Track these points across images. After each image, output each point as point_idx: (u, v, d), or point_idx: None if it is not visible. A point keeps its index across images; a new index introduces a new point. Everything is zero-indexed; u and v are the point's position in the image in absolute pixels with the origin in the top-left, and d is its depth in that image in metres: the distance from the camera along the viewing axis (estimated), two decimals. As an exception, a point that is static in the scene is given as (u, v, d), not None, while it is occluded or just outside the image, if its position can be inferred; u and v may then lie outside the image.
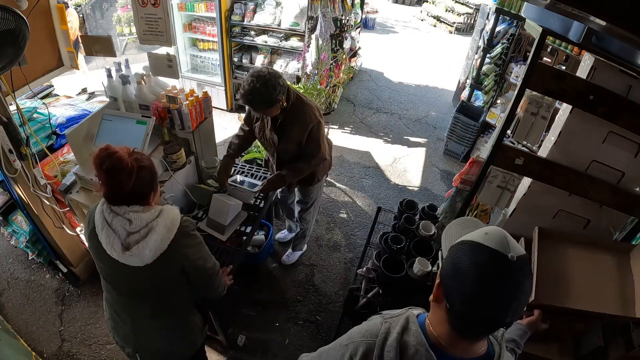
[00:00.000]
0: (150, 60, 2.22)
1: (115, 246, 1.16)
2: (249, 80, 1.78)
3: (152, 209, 1.20)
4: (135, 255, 1.15)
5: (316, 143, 2.05)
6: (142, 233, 1.16)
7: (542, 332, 1.37)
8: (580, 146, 1.47)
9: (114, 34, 5.93)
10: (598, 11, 0.99)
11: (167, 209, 1.23)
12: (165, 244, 1.18)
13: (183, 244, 1.24)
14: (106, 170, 1.11)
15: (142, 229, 1.16)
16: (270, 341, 2.40)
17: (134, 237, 1.16)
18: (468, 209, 2.07)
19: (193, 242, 1.28)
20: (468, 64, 4.91)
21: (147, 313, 1.35)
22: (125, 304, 1.35)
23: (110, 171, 1.11)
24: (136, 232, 1.16)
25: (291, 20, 4.10)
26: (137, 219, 1.16)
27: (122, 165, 1.11)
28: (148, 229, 1.16)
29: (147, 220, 1.16)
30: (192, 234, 1.28)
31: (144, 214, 1.17)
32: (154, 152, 2.12)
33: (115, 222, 1.16)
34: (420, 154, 4.42)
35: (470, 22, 9.27)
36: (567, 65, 3.67)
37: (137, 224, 1.16)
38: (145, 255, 1.16)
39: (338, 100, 5.07)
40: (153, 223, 1.17)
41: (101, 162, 1.11)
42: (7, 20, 1.53)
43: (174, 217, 1.22)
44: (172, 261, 1.23)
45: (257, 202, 2.39)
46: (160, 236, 1.17)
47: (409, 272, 1.77)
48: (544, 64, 1.38)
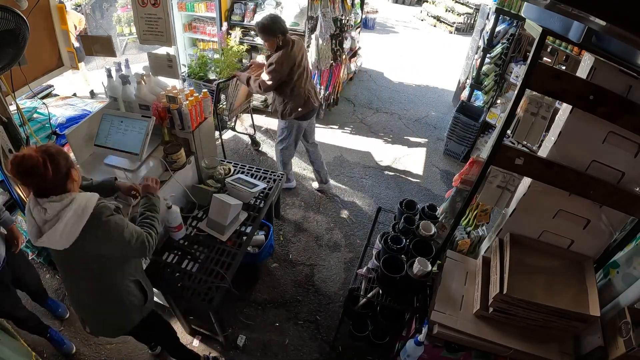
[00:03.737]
0: (150, 60, 2.22)
1: (33, 233, 1.29)
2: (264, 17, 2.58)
3: (67, 197, 1.28)
4: (46, 241, 1.27)
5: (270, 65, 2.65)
6: (53, 221, 1.26)
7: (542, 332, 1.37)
8: (580, 146, 1.47)
9: (114, 34, 5.93)
10: (598, 11, 0.99)
11: (79, 197, 1.30)
12: (77, 230, 1.27)
13: (95, 231, 1.31)
14: (23, 172, 1.21)
15: (53, 218, 1.26)
16: (270, 341, 2.40)
17: (47, 225, 1.27)
18: (468, 209, 2.07)
19: (105, 228, 1.33)
20: (468, 64, 4.91)
21: (82, 288, 1.50)
22: (67, 280, 1.54)
23: (27, 171, 1.21)
24: (50, 221, 1.26)
25: (291, 20, 4.11)
26: (51, 208, 1.26)
27: (33, 161, 1.20)
28: (58, 217, 1.26)
29: (58, 209, 1.26)
30: (104, 220, 1.33)
31: (57, 203, 1.27)
32: (154, 152, 2.12)
33: (35, 211, 1.28)
34: (420, 154, 4.42)
35: (470, 22, 9.27)
36: (567, 65, 3.67)
37: (50, 213, 1.26)
38: (58, 241, 1.27)
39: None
40: (62, 212, 1.26)
41: (16, 169, 1.20)
42: (7, 20, 1.53)
43: (86, 204, 1.30)
44: (87, 247, 1.32)
45: (257, 202, 2.39)
46: (70, 224, 1.26)
47: (409, 272, 1.77)
48: (544, 64, 1.38)
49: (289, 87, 2.81)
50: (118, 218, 1.38)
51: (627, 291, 1.55)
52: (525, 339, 1.60)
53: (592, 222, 1.60)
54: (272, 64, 2.65)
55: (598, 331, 1.53)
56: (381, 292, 1.98)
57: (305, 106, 2.91)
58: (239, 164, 2.69)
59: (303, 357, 2.35)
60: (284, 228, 3.20)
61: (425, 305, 1.82)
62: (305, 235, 3.17)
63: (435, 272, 1.87)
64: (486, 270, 1.72)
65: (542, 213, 1.64)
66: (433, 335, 1.69)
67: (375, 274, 2.02)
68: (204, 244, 2.09)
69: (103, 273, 1.44)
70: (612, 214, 1.55)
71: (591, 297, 1.53)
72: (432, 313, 1.66)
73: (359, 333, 2.25)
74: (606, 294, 1.65)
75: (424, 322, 1.73)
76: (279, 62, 2.63)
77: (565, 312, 1.48)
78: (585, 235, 1.64)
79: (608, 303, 1.62)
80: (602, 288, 1.68)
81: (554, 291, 1.55)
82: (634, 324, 1.41)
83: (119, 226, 1.36)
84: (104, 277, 1.46)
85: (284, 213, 3.33)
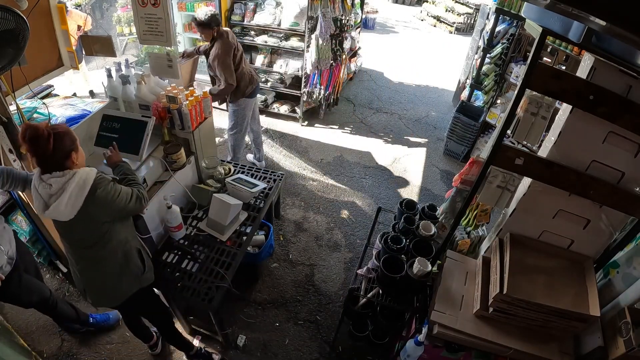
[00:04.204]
0: (150, 60, 2.22)
1: (39, 207, 1.45)
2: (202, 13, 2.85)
3: (69, 172, 1.43)
4: (53, 212, 1.42)
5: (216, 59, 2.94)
6: (58, 194, 1.41)
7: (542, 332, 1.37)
8: (580, 146, 1.47)
9: (114, 34, 5.92)
10: (598, 11, 0.99)
11: (81, 171, 1.45)
12: (80, 200, 1.42)
13: (96, 199, 1.46)
14: (28, 139, 1.35)
15: (58, 191, 1.41)
16: (270, 341, 2.40)
17: (52, 198, 1.42)
18: (468, 209, 2.07)
19: (104, 194, 1.48)
20: (468, 64, 4.91)
21: (85, 256, 1.62)
22: (72, 251, 1.64)
23: (32, 139, 1.35)
24: (54, 194, 1.41)
25: (291, 20, 4.10)
26: (56, 182, 1.41)
27: (39, 132, 1.35)
28: (62, 190, 1.41)
29: (62, 183, 1.41)
30: (103, 188, 1.49)
31: (61, 178, 1.41)
32: (154, 152, 2.12)
33: (40, 187, 1.43)
34: (420, 154, 4.42)
35: (470, 22, 9.27)
36: (567, 65, 3.67)
37: (55, 187, 1.41)
38: (62, 212, 1.42)
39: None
40: (66, 184, 1.41)
41: (23, 135, 1.35)
42: (7, 20, 1.53)
43: (87, 176, 1.45)
44: (90, 214, 1.47)
45: (257, 202, 2.39)
46: (73, 195, 1.41)
47: (408, 272, 1.77)
48: (544, 64, 1.38)
49: (237, 71, 3.10)
50: (114, 185, 1.55)
51: (627, 291, 1.55)
52: (525, 339, 1.60)
53: (592, 222, 1.60)
54: (217, 57, 2.94)
55: (598, 331, 1.53)
56: (381, 292, 1.98)
57: (251, 83, 3.25)
58: (239, 164, 2.69)
59: (303, 357, 2.35)
60: (284, 228, 3.20)
61: (425, 305, 1.82)
62: (305, 235, 3.17)
63: (435, 272, 1.87)
64: (486, 270, 1.72)
65: (542, 213, 1.65)
66: (433, 335, 1.69)
67: (375, 274, 2.02)
68: (204, 244, 2.09)
69: (105, 239, 1.57)
70: (612, 214, 1.55)
71: (591, 297, 1.53)
72: (432, 313, 1.66)
73: (359, 333, 2.25)
74: (606, 294, 1.65)
75: (424, 322, 1.73)
76: (223, 51, 2.93)
77: (565, 312, 1.48)
78: (585, 235, 1.64)
79: (608, 303, 1.63)
80: (602, 288, 1.68)
81: (554, 291, 1.55)
82: (634, 324, 1.41)
83: (116, 191, 1.53)
84: (106, 243, 1.58)
85: (284, 213, 3.33)
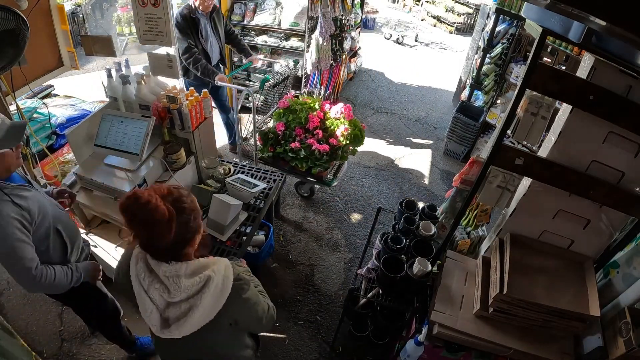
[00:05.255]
0: (150, 60, 2.22)
1: (153, 320, 1.02)
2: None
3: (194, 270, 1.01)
4: (174, 333, 1.01)
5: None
6: (183, 308, 0.99)
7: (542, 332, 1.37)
8: (580, 146, 1.47)
9: (114, 34, 5.92)
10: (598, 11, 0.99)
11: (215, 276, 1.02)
12: (213, 315, 1.03)
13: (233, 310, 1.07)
14: (139, 223, 0.93)
15: (182, 303, 0.99)
16: (270, 341, 2.40)
17: (173, 310, 1.00)
18: (468, 209, 2.07)
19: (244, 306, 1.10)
20: (468, 64, 4.91)
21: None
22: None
23: (145, 224, 0.93)
24: (176, 304, 1.00)
25: (291, 20, 4.11)
26: (177, 287, 0.98)
27: (158, 215, 0.91)
28: (189, 305, 0.99)
29: (187, 293, 0.98)
30: (244, 297, 1.09)
31: (185, 281, 0.98)
32: (154, 152, 2.12)
33: (152, 289, 1.00)
34: (421, 154, 4.42)
35: (470, 22, 9.27)
36: (567, 65, 3.67)
37: (176, 294, 0.98)
38: (187, 331, 1.02)
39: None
40: (196, 297, 0.98)
41: (132, 214, 0.92)
42: (7, 20, 1.54)
43: (223, 282, 1.02)
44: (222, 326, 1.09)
45: (257, 202, 2.39)
46: (206, 311, 1.01)
47: (408, 272, 1.77)
48: (544, 64, 1.38)
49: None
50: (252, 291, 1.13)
51: (627, 291, 1.55)
52: (525, 339, 1.60)
53: (592, 222, 1.60)
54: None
55: (598, 331, 1.53)
56: (381, 292, 1.98)
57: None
58: (239, 164, 2.69)
59: (303, 357, 2.35)
60: (284, 228, 3.20)
61: (425, 305, 1.82)
62: (305, 235, 3.17)
63: (435, 272, 1.87)
64: (486, 270, 1.72)
65: (542, 213, 1.64)
66: (433, 335, 1.69)
67: (375, 274, 2.02)
68: (204, 244, 2.09)
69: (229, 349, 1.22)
70: (612, 214, 1.55)
71: (591, 297, 1.53)
72: (432, 313, 1.66)
73: (359, 333, 2.25)
74: (606, 294, 1.65)
75: (424, 322, 1.73)
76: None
77: (565, 312, 1.48)
78: (585, 235, 1.64)
79: (608, 303, 1.62)
80: (602, 288, 1.68)
81: (554, 291, 1.55)
82: (634, 324, 1.41)
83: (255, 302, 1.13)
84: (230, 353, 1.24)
85: (284, 213, 3.33)
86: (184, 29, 3.05)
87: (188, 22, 3.05)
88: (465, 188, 1.98)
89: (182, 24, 3.04)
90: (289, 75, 3.87)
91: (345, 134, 3.01)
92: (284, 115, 3.13)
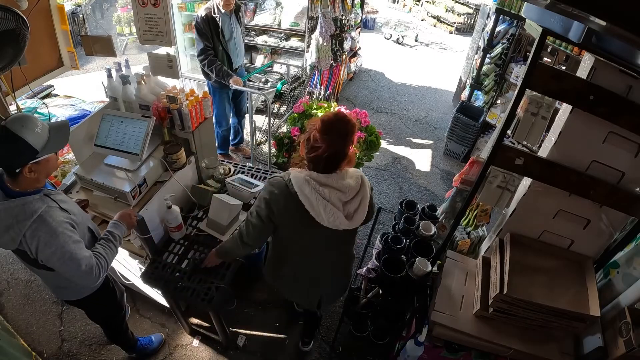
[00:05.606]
0: (150, 60, 2.22)
1: (339, 219, 1.29)
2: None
3: (350, 174, 1.33)
4: (355, 223, 1.34)
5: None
6: (355, 202, 1.32)
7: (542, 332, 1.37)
8: (580, 146, 1.47)
9: (114, 34, 5.93)
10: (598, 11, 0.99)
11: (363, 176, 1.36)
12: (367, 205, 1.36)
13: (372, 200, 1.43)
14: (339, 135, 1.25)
15: (354, 198, 1.31)
16: (270, 341, 2.40)
17: (349, 207, 1.31)
18: (468, 209, 2.07)
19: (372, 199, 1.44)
20: (468, 64, 4.91)
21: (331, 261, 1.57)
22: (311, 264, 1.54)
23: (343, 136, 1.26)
24: (349, 201, 1.31)
25: (291, 20, 4.11)
26: (347, 188, 1.29)
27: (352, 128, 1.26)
28: (360, 198, 1.32)
29: (355, 190, 1.31)
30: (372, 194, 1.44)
31: (350, 181, 1.30)
32: (154, 152, 2.12)
33: (332, 196, 1.27)
34: (421, 154, 4.42)
35: (470, 22, 9.27)
36: (567, 65, 3.67)
37: (348, 193, 1.30)
38: (360, 219, 1.35)
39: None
40: (362, 192, 1.33)
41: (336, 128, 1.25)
42: (7, 20, 1.53)
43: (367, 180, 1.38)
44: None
45: (257, 202, 2.39)
46: (368, 201, 1.35)
47: (409, 272, 1.77)
48: (544, 64, 1.38)
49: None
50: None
51: (627, 291, 1.55)
52: (525, 339, 1.60)
53: (592, 222, 1.60)
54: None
55: (598, 331, 1.53)
56: (381, 292, 1.98)
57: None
58: (239, 164, 2.68)
59: (303, 357, 2.35)
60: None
61: (425, 305, 1.82)
62: (305, 235, 3.16)
63: (435, 272, 1.87)
64: (486, 270, 1.72)
65: (542, 213, 1.64)
66: (433, 335, 1.69)
67: (375, 274, 2.02)
68: (204, 244, 2.09)
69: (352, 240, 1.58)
70: (612, 214, 1.55)
71: (591, 297, 1.53)
72: (432, 313, 1.66)
73: (359, 333, 2.25)
74: (606, 294, 1.65)
75: (424, 322, 1.73)
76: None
77: (565, 312, 1.48)
78: (585, 235, 1.64)
79: (608, 303, 1.63)
80: (602, 288, 1.68)
81: (554, 291, 1.55)
82: (634, 324, 1.41)
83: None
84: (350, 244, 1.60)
85: (284, 213, 3.33)
86: (202, 31, 3.01)
87: (208, 23, 3.00)
88: (465, 188, 1.98)
89: (201, 26, 3.00)
90: (304, 79, 3.85)
91: (361, 141, 2.94)
92: (299, 119, 3.10)
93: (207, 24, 2.99)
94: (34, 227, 1.26)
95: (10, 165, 1.24)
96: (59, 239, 1.29)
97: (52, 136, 1.30)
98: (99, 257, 1.41)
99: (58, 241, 1.28)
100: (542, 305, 1.49)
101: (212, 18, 2.99)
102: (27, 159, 1.24)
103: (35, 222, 1.26)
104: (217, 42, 3.09)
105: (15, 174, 1.25)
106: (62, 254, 1.29)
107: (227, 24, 3.10)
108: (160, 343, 2.32)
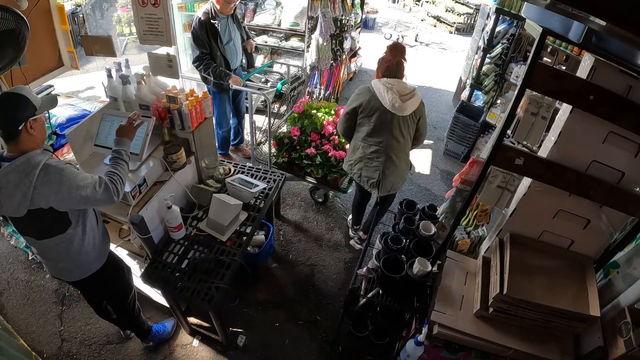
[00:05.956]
0: (150, 60, 2.22)
1: (397, 104, 2.16)
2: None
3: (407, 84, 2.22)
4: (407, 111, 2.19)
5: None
6: (408, 96, 2.19)
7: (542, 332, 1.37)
8: (580, 146, 1.47)
9: (114, 34, 5.93)
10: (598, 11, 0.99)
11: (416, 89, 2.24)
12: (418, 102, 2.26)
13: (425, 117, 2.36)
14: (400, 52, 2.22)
15: (408, 94, 2.19)
16: (270, 341, 2.40)
17: (404, 97, 2.17)
18: (468, 209, 2.07)
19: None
20: (468, 64, 4.91)
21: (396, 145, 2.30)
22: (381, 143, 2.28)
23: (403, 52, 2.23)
24: (405, 95, 2.17)
25: (291, 20, 4.11)
26: (404, 87, 2.19)
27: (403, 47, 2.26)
28: (411, 94, 2.20)
29: (409, 90, 2.20)
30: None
31: (406, 85, 2.21)
32: (154, 152, 2.12)
33: (394, 88, 2.16)
34: (421, 154, 4.42)
35: (470, 22, 9.27)
36: (567, 65, 3.67)
37: (403, 90, 2.17)
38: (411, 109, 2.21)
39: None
40: (414, 93, 2.22)
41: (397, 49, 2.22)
42: (7, 20, 1.54)
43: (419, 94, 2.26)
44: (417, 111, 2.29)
45: (257, 202, 2.39)
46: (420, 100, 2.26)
47: (409, 272, 1.77)
48: (544, 64, 1.38)
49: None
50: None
51: (627, 291, 1.56)
52: (525, 339, 1.60)
53: (592, 222, 1.60)
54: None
55: (598, 331, 1.53)
56: (381, 292, 1.98)
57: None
58: (239, 164, 2.69)
59: (303, 357, 2.35)
60: (284, 228, 3.20)
61: (425, 305, 1.82)
62: (305, 235, 3.17)
63: (435, 272, 1.87)
64: (486, 270, 1.72)
65: (542, 213, 1.64)
66: (433, 335, 1.69)
67: (375, 274, 2.02)
68: (204, 244, 2.09)
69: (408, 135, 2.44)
70: (612, 214, 1.55)
71: (591, 297, 1.53)
72: (432, 313, 1.66)
73: (359, 333, 2.25)
74: (606, 294, 1.65)
75: (424, 322, 1.73)
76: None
77: (565, 312, 1.48)
78: (585, 235, 1.64)
79: (608, 303, 1.63)
80: (602, 288, 1.68)
81: (554, 291, 1.55)
82: (634, 324, 1.41)
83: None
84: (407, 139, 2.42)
85: (284, 213, 3.33)
86: (198, 38, 2.97)
87: (205, 29, 2.95)
88: (465, 188, 1.98)
89: (198, 33, 2.95)
90: (304, 79, 3.84)
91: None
92: (299, 119, 3.09)
93: (205, 29, 2.95)
94: (42, 174, 1.35)
95: (15, 118, 1.34)
96: (67, 174, 1.40)
97: (43, 100, 1.46)
98: (110, 174, 1.53)
99: (67, 176, 1.39)
100: (542, 305, 1.49)
101: (210, 23, 2.95)
102: (29, 114, 1.36)
103: (43, 169, 1.36)
104: (215, 47, 3.05)
105: (18, 133, 1.35)
106: (76, 186, 1.40)
107: (225, 27, 3.07)
108: (173, 327, 2.37)
